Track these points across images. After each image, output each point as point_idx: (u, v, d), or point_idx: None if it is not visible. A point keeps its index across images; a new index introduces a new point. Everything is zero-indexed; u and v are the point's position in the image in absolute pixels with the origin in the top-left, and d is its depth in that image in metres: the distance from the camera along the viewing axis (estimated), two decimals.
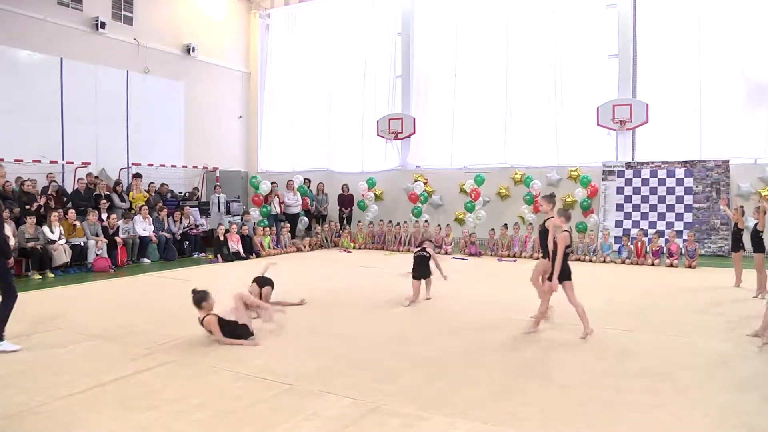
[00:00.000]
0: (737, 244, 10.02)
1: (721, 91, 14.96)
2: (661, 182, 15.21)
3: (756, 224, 9.49)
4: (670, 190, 15.10)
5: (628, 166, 15.65)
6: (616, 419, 4.38)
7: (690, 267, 12.63)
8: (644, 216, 15.27)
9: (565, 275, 6.75)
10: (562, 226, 6.81)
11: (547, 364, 5.74)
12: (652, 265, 13.10)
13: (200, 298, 6.50)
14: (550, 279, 6.72)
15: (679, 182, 15.01)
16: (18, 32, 14.54)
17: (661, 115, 15.40)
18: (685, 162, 15.02)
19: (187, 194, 17.34)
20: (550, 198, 7.22)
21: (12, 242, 11.10)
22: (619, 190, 15.64)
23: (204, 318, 6.42)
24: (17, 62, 14.66)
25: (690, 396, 4.86)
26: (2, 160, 13.60)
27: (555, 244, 6.75)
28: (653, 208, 15.19)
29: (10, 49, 14.49)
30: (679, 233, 14.23)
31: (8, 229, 11.17)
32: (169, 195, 16.43)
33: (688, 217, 14.79)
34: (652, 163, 15.41)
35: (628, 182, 15.56)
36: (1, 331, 6.16)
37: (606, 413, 4.49)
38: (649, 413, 4.48)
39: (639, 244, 13.46)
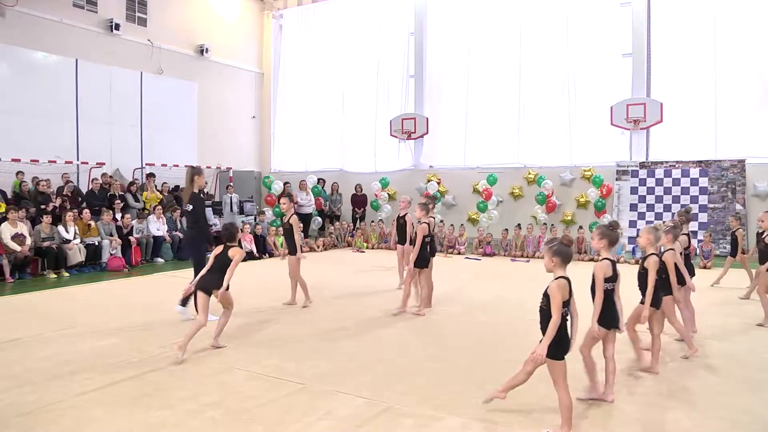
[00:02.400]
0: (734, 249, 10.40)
1: (737, 90, 14.80)
2: (676, 182, 15.09)
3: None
4: (685, 190, 14.97)
5: (642, 165, 15.54)
6: (628, 420, 4.34)
7: (705, 267, 12.52)
8: (658, 216, 15.14)
9: (422, 263, 7.85)
10: (421, 218, 7.76)
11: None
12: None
13: (233, 232, 6.55)
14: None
15: (694, 182, 14.88)
16: (34, 34, 14.68)
17: (676, 114, 15.27)
18: (700, 162, 14.89)
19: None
20: (424, 206, 8.04)
21: (28, 241, 11.27)
22: (633, 190, 15.53)
23: (231, 248, 6.41)
24: (33, 64, 14.80)
25: (704, 397, 4.82)
26: (19, 160, 13.79)
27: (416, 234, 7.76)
28: (667, 208, 15.06)
29: (26, 50, 14.64)
30: (694, 233, 14.10)
31: (24, 229, 11.36)
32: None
33: (703, 217, 14.65)
34: (667, 162, 15.28)
35: (642, 182, 15.45)
36: None
37: (618, 414, 4.45)
38: (662, 414, 4.45)
39: None
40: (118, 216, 13.67)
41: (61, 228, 12.08)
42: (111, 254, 12.64)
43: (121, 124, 16.63)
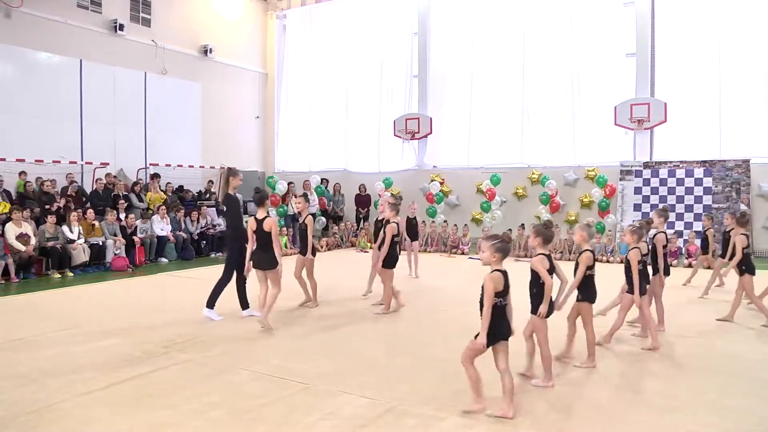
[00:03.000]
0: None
1: (741, 90, 14.75)
2: (680, 182, 15.05)
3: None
4: (689, 190, 14.93)
5: (646, 165, 15.50)
6: (631, 420, 4.33)
7: (708, 268, 12.44)
8: None
9: (390, 263, 8.06)
10: (391, 218, 8.06)
11: (563, 365, 5.69)
12: (670, 265, 12.93)
13: (264, 196, 7.11)
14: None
15: (698, 182, 14.84)
16: (38, 35, 14.72)
17: (680, 114, 15.23)
18: (704, 162, 14.85)
19: (204, 191, 17.46)
20: (393, 206, 8.30)
21: (32, 241, 11.30)
22: (637, 190, 15.50)
23: (264, 219, 6.67)
24: (37, 64, 14.85)
25: (708, 398, 4.80)
26: (23, 160, 13.84)
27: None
28: (671, 208, 15.00)
29: (31, 51, 14.69)
30: (698, 234, 14.04)
31: (29, 229, 11.39)
32: (189, 196, 16.60)
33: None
34: (671, 162, 15.25)
35: (646, 182, 15.42)
36: None
37: (622, 414, 4.45)
38: (665, 415, 4.43)
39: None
40: (122, 216, 13.71)
41: (65, 228, 12.11)
42: (115, 254, 12.67)
43: (125, 124, 16.67)
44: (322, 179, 18.52)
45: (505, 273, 4.40)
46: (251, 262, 7.19)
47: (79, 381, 5.16)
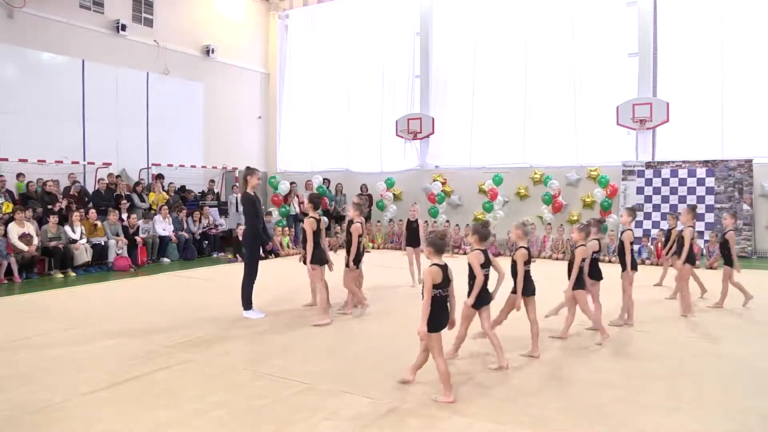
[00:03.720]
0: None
1: (744, 89, 14.71)
2: (682, 182, 15.03)
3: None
4: (691, 190, 14.91)
5: (648, 165, 15.49)
6: (636, 422, 4.32)
7: (711, 268, 12.47)
8: (664, 216, 15.07)
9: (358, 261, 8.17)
10: (354, 218, 8.08)
11: (565, 365, 5.69)
12: (672, 266, 12.93)
13: (317, 199, 7.87)
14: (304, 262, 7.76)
15: (701, 182, 14.82)
16: (41, 35, 14.74)
17: (682, 114, 15.18)
18: (707, 161, 14.82)
19: (206, 191, 17.48)
20: (357, 206, 8.33)
21: (35, 241, 11.32)
22: (639, 190, 15.48)
23: (321, 219, 7.23)
24: (40, 64, 14.87)
25: (712, 399, 4.79)
26: (26, 160, 13.86)
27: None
28: (674, 208, 14.98)
29: (33, 51, 14.70)
30: (701, 234, 14.06)
31: (31, 229, 11.41)
32: (191, 197, 16.64)
33: (710, 217, 14.58)
34: (673, 162, 15.22)
35: (648, 182, 15.40)
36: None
37: (626, 415, 4.44)
38: (670, 416, 4.43)
39: (659, 244, 13.33)
40: (125, 216, 13.73)
41: (67, 228, 12.13)
42: (117, 254, 12.69)
43: (127, 124, 16.68)
44: (324, 179, 18.52)
45: (443, 266, 4.75)
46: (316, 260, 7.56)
47: (82, 380, 5.16)
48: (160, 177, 15.92)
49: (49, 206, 12.77)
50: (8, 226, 11.16)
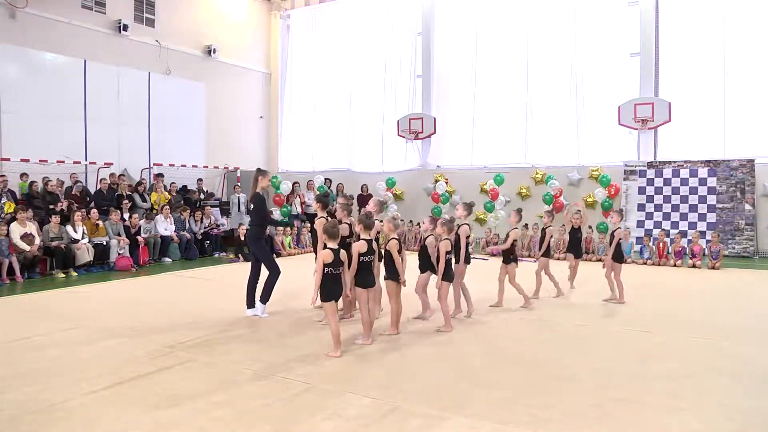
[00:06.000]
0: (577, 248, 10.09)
1: (746, 89, 14.70)
2: (684, 182, 15.02)
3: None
4: (693, 190, 14.90)
5: (650, 165, 15.48)
6: (638, 422, 4.32)
7: (713, 268, 12.47)
8: (666, 216, 15.09)
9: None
10: (343, 219, 8.01)
11: (568, 365, 5.69)
12: (674, 266, 12.96)
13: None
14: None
15: (702, 182, 14.81)
16: (43, 35, 14.78)
17: (684, 114, 15.18)
18: (709, 161, 14.81)
19: (207, 190, 17.51)
20: (345, 206, 8.30)
21: (37, 241, 11.34)
22: (641, 190, 15.47)
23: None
24: (42, 64, 14.89)
25: (714, 399, 4.79)
26: (28, 160, 13.88)
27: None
28: (675, 208, 15.01)
29: (36, 51, 14.73)
30: (702, 234, 14.05)
31: (33, 228, 11.43)
32: (195, 197, 16.65)
33: (711, 217, 14.57)
34: (675, 162, 15.21)
35: (650, 182, 15.39)
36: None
37: (628, 415, 4.43)
38: (672, 416, 4.42)
39: (661, 244, 13.33)
40: (126, 216, 13.74)
41: (69, 228, 12.14)
42: (119, 254, 12.70)
43: (129, 124, 16.71)
44: (325, 179, 18.53)
45: (335, 250, 5.96)
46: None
47: (83, 380, 5.17)
48: (160, 176, 15.93)
49: (51, 206, 12.78)
50: (10, 225, 11.17)
